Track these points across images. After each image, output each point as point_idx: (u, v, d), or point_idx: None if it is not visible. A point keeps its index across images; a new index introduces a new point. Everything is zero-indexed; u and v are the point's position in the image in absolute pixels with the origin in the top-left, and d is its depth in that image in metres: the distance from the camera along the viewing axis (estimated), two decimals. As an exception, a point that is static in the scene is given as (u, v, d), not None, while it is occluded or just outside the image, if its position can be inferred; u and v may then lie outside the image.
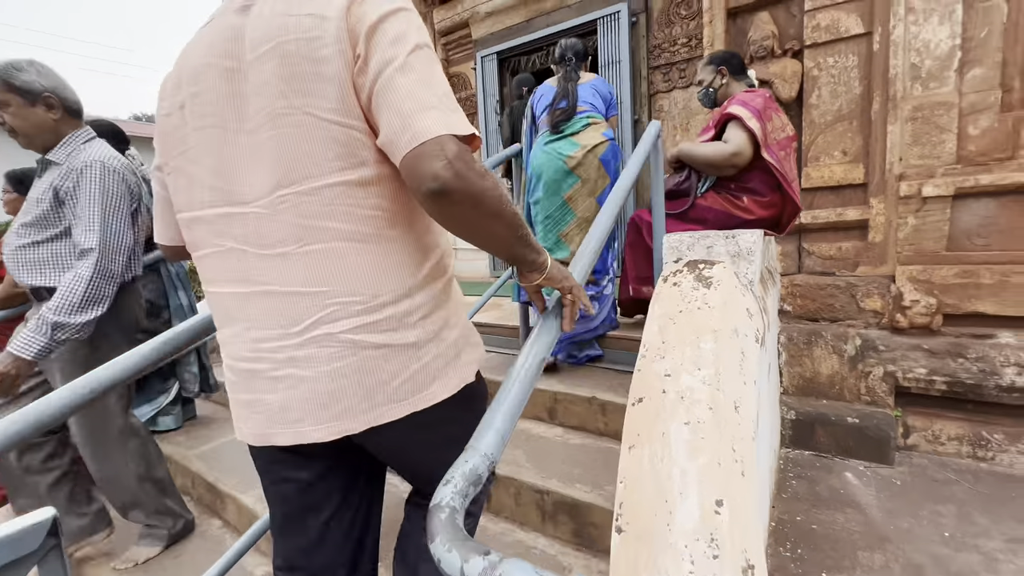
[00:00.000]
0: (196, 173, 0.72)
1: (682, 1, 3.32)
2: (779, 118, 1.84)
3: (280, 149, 0.65)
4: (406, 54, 0.63)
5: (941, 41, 2.55)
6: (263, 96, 0.65)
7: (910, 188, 2.66)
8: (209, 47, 0.70)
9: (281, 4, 0.66)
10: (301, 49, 0.63)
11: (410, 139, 0.61)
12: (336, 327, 0.69)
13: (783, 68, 3.00)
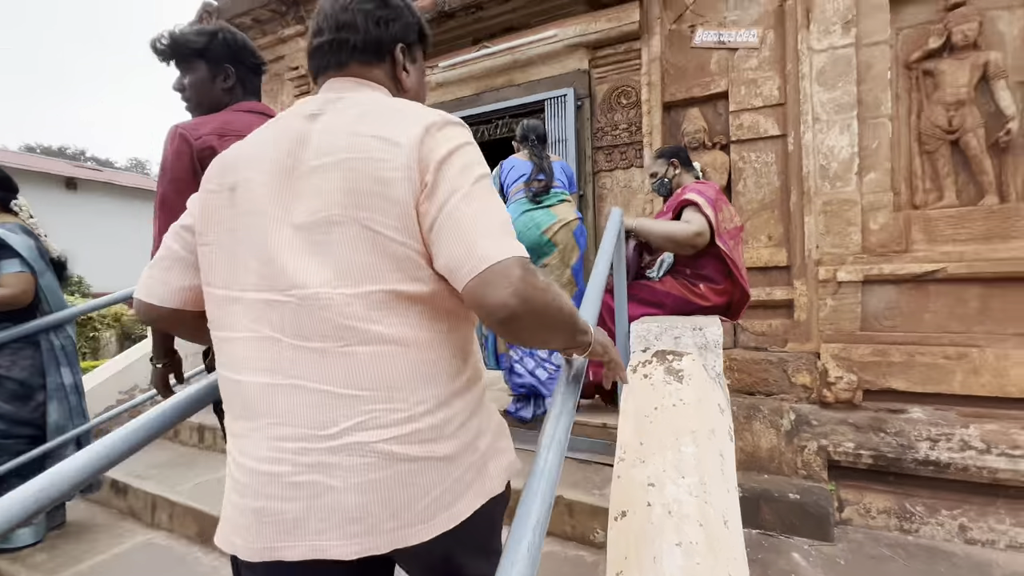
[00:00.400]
0: (241, 254, 0.71)
1: (623, 91, 3.61)
2: (728, 209, 1.97)
3: (332, 251, 0.66)
4: (470, 184, 0.67)
5: (843, 148, 2.93)
6: (321, 199, 0.67)
7: (827, 273, 2.93)
8: (272, 143, 0.73)
9: (351, 121, 0.70)
10: (367, 167, 0.66)
11: (473, 265, 0.62)
12: (373, 436, 0.65)
13: (713, 159, 3.29)
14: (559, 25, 3.66)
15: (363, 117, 0.71)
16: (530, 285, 0.62)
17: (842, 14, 2.93)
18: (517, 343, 0.77)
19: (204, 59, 1.27)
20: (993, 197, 2.70)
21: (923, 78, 2.86)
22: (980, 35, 2.71)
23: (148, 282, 0.81)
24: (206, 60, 1.27)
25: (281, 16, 5.09)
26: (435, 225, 0.65)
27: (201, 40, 1.25)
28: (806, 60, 3.01)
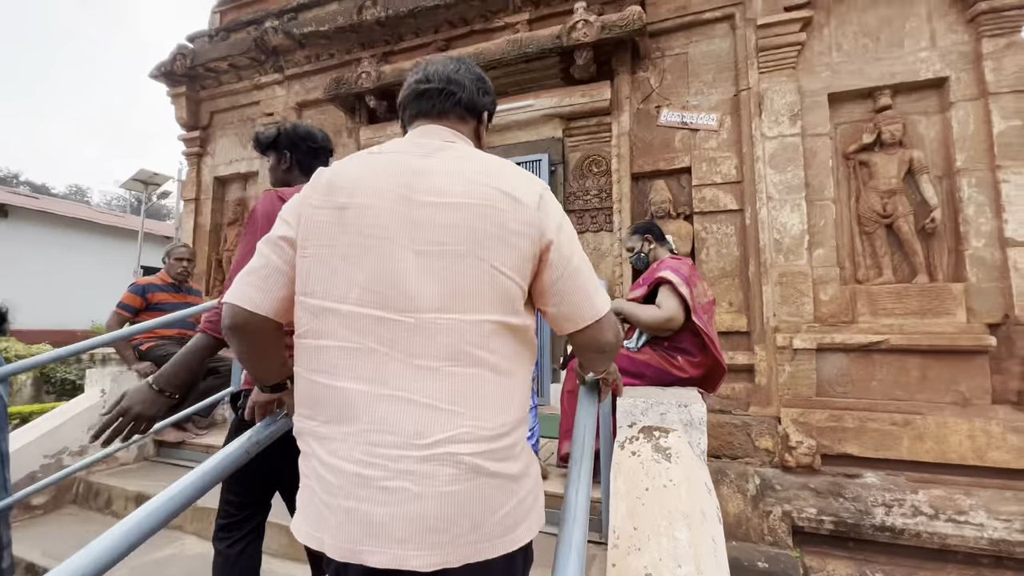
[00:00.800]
0: (345, 269, 0.77)
1: (594, 160, 3.82)
2: (701, 284, 2.08)
3: (451, 278, 0.75)
4: (581, 251, 0.87)
5: (794, 225, 3.20)
6: (446, 233, 0.76)
7: (784, 340, 3.10)
8: (387, 174, 0.80)
9: (470, 171, 0.81)
10: (491, 214, 0.77)
11: (594, 314, 0.85)
12: (463, 448, 0.72)
13: (679, 228, 3.50)
14: (536, 96, 3.89)
15: (479, 168, 0.82)
16: (619, 332, 0.92)
17: (789, 108, 3.28)
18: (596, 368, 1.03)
19: (274, 148, 1.62)
20: (924, 276, 2.99)
21: (859, 168, 3.21)
22: (904, 135, 3.10)
23: (246, 289, 0.82)
24: (275, 149, 1.62)
25: (260, 64, 5.14)
26: (562, 278, 0.81)
27: (271, 135, 1.62)
28: (759, 145, 3.32)
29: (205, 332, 1.25)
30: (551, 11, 4.00)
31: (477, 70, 1.00)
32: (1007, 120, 2.86)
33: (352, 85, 4.35)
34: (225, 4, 5.73)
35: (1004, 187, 2.84)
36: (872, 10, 3.23)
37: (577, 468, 0.91)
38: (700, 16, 3.61)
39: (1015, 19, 2.88)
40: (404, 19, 4.34)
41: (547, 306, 0.84)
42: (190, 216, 5.47)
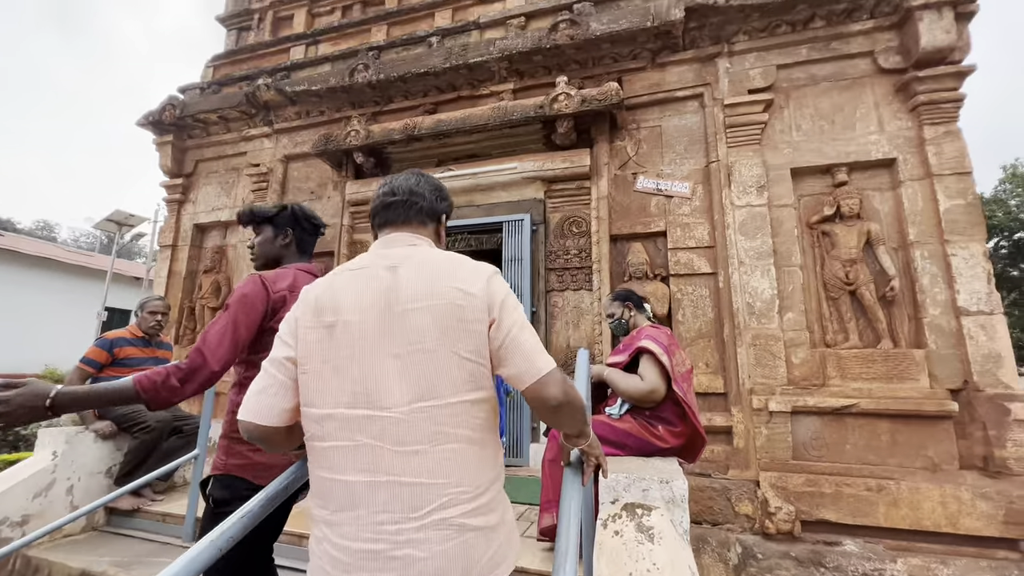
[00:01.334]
0: (336, 380, 0.91)
1: (574, 221, 3.96)
2: (680, 353, 2.14)
3: (425, 372, 0.89)
4: (521, 319, 0.97)
5: (765, 289, 3.33)
6: (415, 334, 0.90)
7: (759, 402, 3.16)
8: (364, 291, 0.95)
9: (430, 275, 0.95)
10: (451, 310, 0.92)
11: (535, 373, 0.93)
12: (450, 512, 0.86)
13: (656, 289, 3.61)
14: (519, 159, 4.06)
15: (439, 272, 0.96)
16: (568, 385, 0.97)
17: (756, 180, 3.50)
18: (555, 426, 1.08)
19: (272, 224, 1.63)
20: (888, 342, 3.12)
21: (823, 237, 3.41)
22: (861, 208, 3.33)
23: (256, 408, 0.96)
24: (273, 225, 1.63)
25: (250, 117, 5.25)
26: (503, 346, 0.93)
27: (273, 210, 1.64)
28: (730, 213, 3.51)
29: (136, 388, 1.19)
30: (535, 83, 4.26)
31: (435, 181, 1.18)
32: (951, 199, 3.11)
33: (340, 142, 4.48)
34: (220, 59, 5.92)
35: (953, 260, 3.05)
36: (825, 96, 3.55)
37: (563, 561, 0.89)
38: (672, 94, 3.90)
39: (951, 111, 3.20)
40: (394, 83, 4.55)
41: (498, 369, 0.96)
42: (165, 262, 5.37)
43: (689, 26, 3.76)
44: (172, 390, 1.22)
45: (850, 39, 3.54)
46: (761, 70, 3.68)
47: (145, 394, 1.19)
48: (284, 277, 1.50)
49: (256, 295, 1.40)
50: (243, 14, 6.05)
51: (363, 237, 4.62)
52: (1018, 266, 15.63)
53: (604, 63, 4.08)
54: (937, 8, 3.22)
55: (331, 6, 5.70)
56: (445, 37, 4.77)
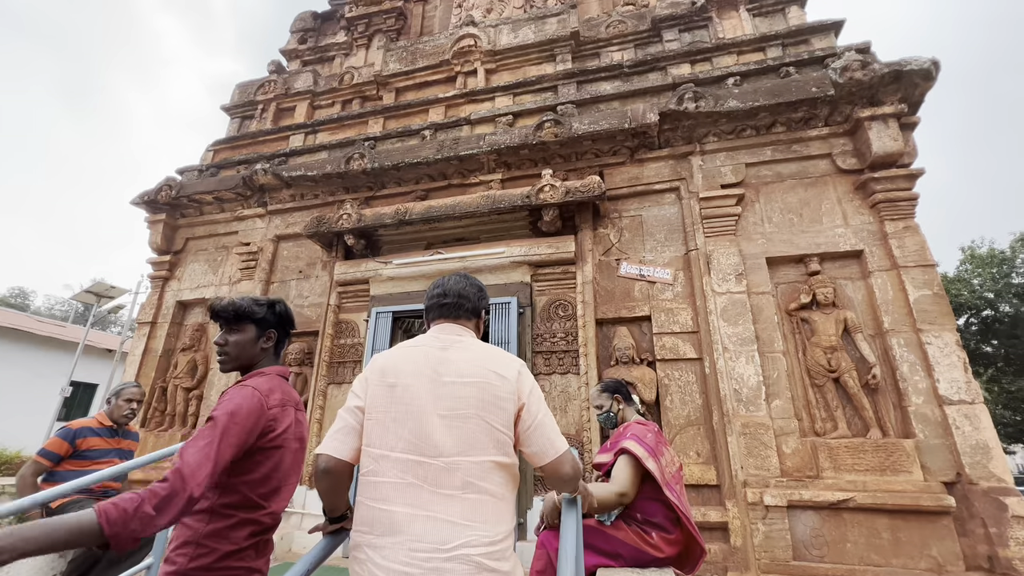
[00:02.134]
0: (394, 428, 1.16)
1: (560, 304, 4.02)
2: (668, 452, 2.08)
3: (463, 433, 1.13)
4: (544, 408, 1.23)
5: (750, 376, 3.35)
6: (458, 402, 1.16)
7: (754, 495, 3.04)
8: (420, 362, 1.22)
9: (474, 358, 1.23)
10: (489, 388, 1.17)
11: (554, 453, 1.19)
12: (473, 551, 1.04)
13: (643, 374, 3.59)
14: (507, 244, 4.19)
15: (481, 357, 1.23)
16: (577, 462, 1.28)
17: (734, 268, 3.65)
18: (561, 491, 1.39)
19: (256, 323, 1.47)
20: (876, 431, 3.11)
21: (801, 324, 3.50)
22: (836, 297, 3.46)
23: (334, 444, 1.20)
24: (257, 324, 1.48)
25: (245, 199, 5.40)
26: (530, 428, 1.18)
27: (260, 311, 1.49)
28: (711, 299, 3.60)
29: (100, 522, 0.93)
30: (521, 173, 4.51)
31: (478, 283, 1.44)
32: (919, 290, 3.26)
33: (333, 224, 4.59)
34: (220, 144, 6.19)
35: (929, 348, 3.13)
36: (792, 192, 3.81)
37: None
38: (651, 187, 4.15)
39: (907, 208, 3.45)
40: (388, 171, 4.78)
41: (523, 447, 1.19)
42: (142, 339, 5.23)
43: (663, 128, 4.09)
44: (145, 520, 0.98)
45: (809, 143, 3.88)
46: (731, 167, 3.96)
47: (111, 527, 0.94)
48: (274, 389, 1.35)
49: (252, 411, 1.25)
50: (247, 105, 6.43)
51: (349, 317, 4.59)
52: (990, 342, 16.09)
53: (586, 157, 4.37)
54: (883, 119, 3.58)
55: (331, 100, 6.11)
56: (438, 131, 5.10)
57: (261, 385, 1.32)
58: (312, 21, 7.13)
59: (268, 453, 1.29)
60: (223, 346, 1.45)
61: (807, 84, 3.81)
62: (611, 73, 4.88)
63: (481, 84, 5.34)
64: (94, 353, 14.93)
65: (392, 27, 6.53)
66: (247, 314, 1.46)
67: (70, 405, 14.01)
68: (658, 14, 4.98)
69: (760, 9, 4.81)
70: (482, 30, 5.57)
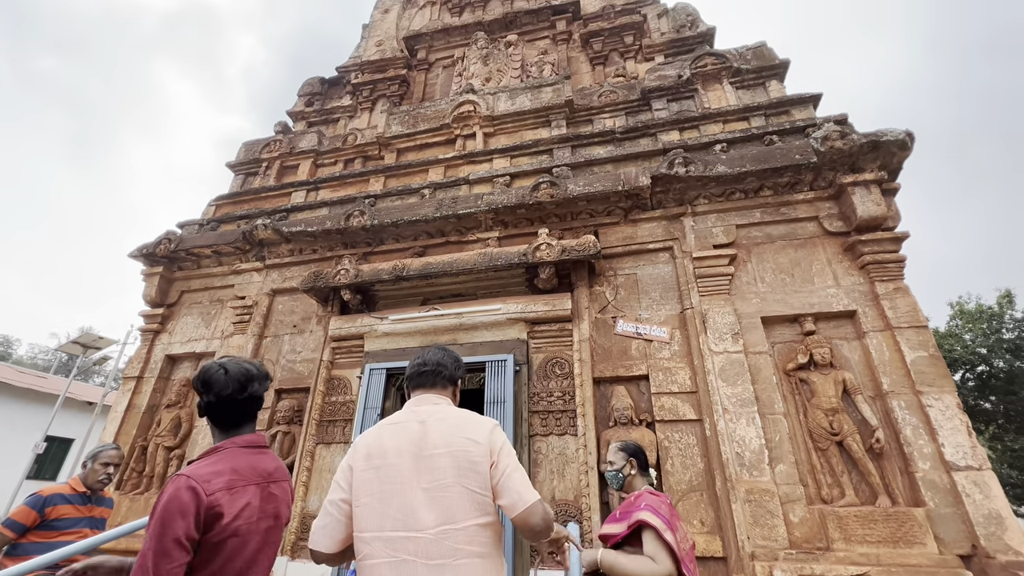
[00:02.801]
0: (383, 509, 1.25)
1: (557, 362, 3.98)
2: (682, 527, 1.98)
3: (445, 502, 1.23)
4: (514, 462, 1.32)
5: (752, 438, 3.27)
6: (439, 472, 1.27)
7: (763, 570, 2.88)
8: (402, 439, 1.34)
9: (449, 429, 1.34)
10: (464, 455, 1.28)
11: (523, 505, 1.26)
12: None
13: (642, 436, 3.50)
14: (503, 301, 4.21)
15: (455, 426, 1.35)
16: (547, 512, 1.31)
17: (730, 327, 3.66)
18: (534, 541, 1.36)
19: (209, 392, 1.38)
20: (885, 499, 3.00)
21: (800, 385, 3.47)
22: (833, 357, 3.45)
23: (324, 541, 1.30)
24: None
25: (243, 253, 5.44)
26: (499, 483, 1.27)
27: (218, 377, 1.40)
28: (709, 359, 3.58)
29: None
30: (518, 232, 4.61)
31: (455, 355, 1.57)
32: (915, 351, 3.27)
33: (330, 279, 4.61)
34: (223, 199, 6.32)
35: (930, 411, 3.09)
36: (783, 253, 3.90)
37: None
38: (645, 246, 4.24)
39: (896, 270, 3.53)
40: (387, 227, 4.87)
41: (498, 500, 1.29)
42: (126, 395, 5.07)
43: (655, 190, 4.23)
44: None
45: (796, 206, 4.02)
46: (722, 228, 4.08)
47: None
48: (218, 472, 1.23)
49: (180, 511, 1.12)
50: (252, 162, 6.63)
51: (342, 373, 4.51)
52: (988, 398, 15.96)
53: (581, 217, 4.48)
54: (865, 185, 3.73)
55: (334, 158, 6.32)
56: (437, 190, 5.26)
57: (200, 471, 1.21)
58: (319, 86, 7.51)
59: (217, 547, 1.17)
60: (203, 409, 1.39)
61: (791, 151, 4.00)
62: (604, 138, 5.12)
63: (480, 147, 5.56)
64: (74, 406, 14.45)
65: (395, 92, 6.88)
66: None
67: (42, 461, 13.37)
68: (647, 85, 5.30)
69: (742, 83, 5.14)
70: (481, 97, 5.88)
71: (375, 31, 7.80)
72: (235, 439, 1.35)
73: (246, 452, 1.33)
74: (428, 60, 7.18)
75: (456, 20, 7.35)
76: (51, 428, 11.16)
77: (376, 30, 7.80)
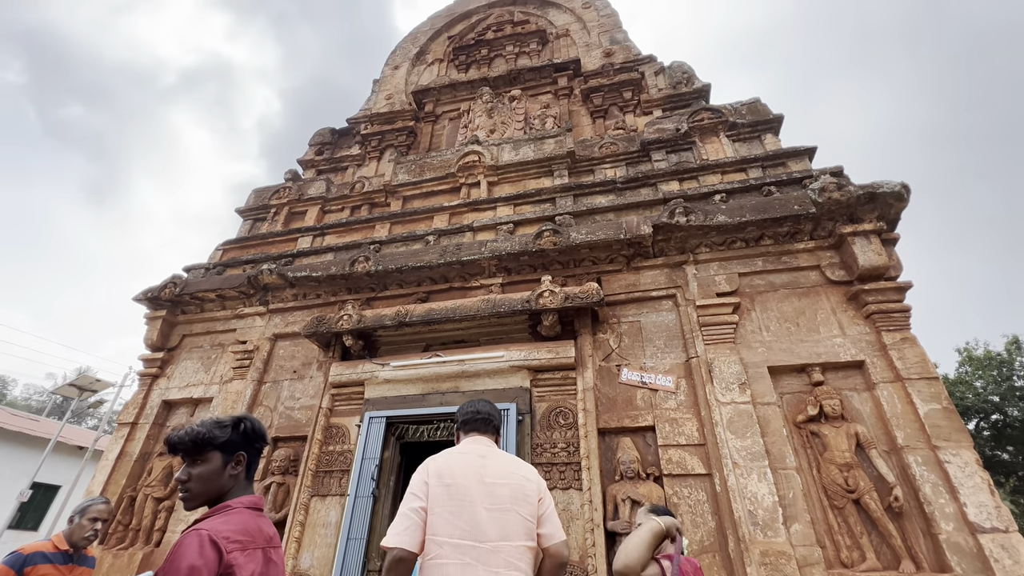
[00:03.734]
0: (452, 519, 1.54)
1: (561, 412, 3.89)
2: None
3: (503, 522, 1.54)
4: (553, 504, 1.69)
5: (764, 495, 3.14)
6: (499, 498, 1.59)
7: (784, 642, 2.69)
8: (467, 466, 1.66)
9: (506, 464, 1.70)
10: (520, 488, 1.63)
11: (560, 537, 1.62)
12: None
13: (650, 491, 3.37)
14: (506, 348, 4.17)
15: (510, 463, 1.71)
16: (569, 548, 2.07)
17: (736, 377, 3.60)
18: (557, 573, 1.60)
19: (221, 449, 1.33)
20: (909, 563, 2.84)
21: (812, 438, 3.36)
22: (844, 409, 3.37)
23: (406, 538, 1.51)
24: (223, 450, 1.34)
25: (247, 297, 5.46)
26: (545, 515, 1.63)
27: (224, 434, 1.34)
28: (716, 410, 3.50)
29: None
30: (521, 278, 4.63)
31: (497, 408, 1.96)
32: (927, 403, 3.19)
33: (332, 325, 4.59)
34: (230, 244, 6.42)
35: (949, 468, 2.98)
36: (786, 301, 3.90)
37: None
38: (648, 293, 4.24)
39: (902, 320, 3.51)
40: (391, 273, 4.90)
41: (540, 528, 1.60)
42: (119, 442, 4.95)
43: (657, 238, 4.29)
44: None
45: (797, 254, 4.05)
46: (725, 276, 4.09)
47: None
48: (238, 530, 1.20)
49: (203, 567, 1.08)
50: (261, 208, 6.79)
51: (341, 421, 4.40)
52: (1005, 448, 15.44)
53: (584, 265, 4.52)
54: (865, 235, 3.78)
55: (341, 205, 6.47)
56: (441, 236, 5.34)
57: (219, 527, 1.17)
58: (330, 136, 7.79)
59: None
60: (185, 482, 1.30)
61: (789, 202, 4.08)
62: (605, 188, 5.24)
63: (484, 195, 5.69)
64: (64, 451, 14.11)
65: (403, 143, 7.13)
66: (209, 441, 1.32)
67: (26, 509, 12.88)
68: (646, 138, 5.48)
69: (738, 135, 5.31)
70: (486, 148, 6.08)
71: (385, 85, 8.18)
72: (242, 499, 1.32)
73: (252, 514, 1.29)
74: (435, 112, 7.48)
75: (463, 76, 7.72)
76: (38, 475, 10.82)
77: (386, 85, 8.19)
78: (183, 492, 1.31)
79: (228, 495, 1.32)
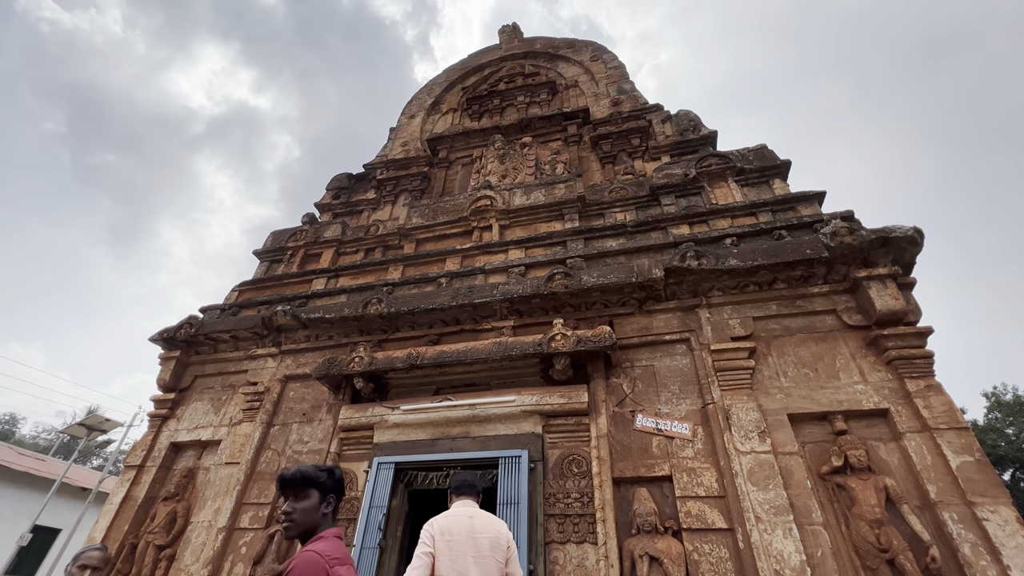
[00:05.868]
0: (452, 565, 2.24)
1: (574, 460, 3.78)
2: None
3: (484, 565, 2.28)
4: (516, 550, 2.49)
5: (791, 554, 2.97)
6: (480, 548, 2.32)
7: None
8: (460, 525, 2.38)
9: (486, 521, 2.45)
10: (497, 539, 2.39)
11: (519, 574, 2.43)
12: None
13: (668, 547, 3.20)
14: (517, 392, 4.11)
15: (490, 520, 2.47)
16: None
17: (755, 425, 3.49)
18: None
19: (319, 489, 1.67)
20: (952, 633, 2.63)
21: (838, 491, 3.21)
22: (870, 460, 3.22)
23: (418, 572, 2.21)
24: (320, 490, 1.67)
25: (260, 338, 5.50)
26: (510, 560, 2.40)
27: (322, 476, 1.69)
28: (736, 459, 3.38)
29: None
30: (533, 321, 4.62)
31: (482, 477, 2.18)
32: (959, 456, 3.05)
33: (343, 367, 4.59)
34: (246, 285, 6.53)
35: (988, 526, 2.81)
36: (804, 346, 3.82)
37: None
38: (661, 337, 4.20)
39: (925, 366, 3.41)
40: (403, 315, 4.93)
41: (507, 568, 2.33)
42: (124, 485, 4.88)
43: (669, 282, 4.29)
44: None
45: (812, 299, 4.01)
46: (739, 320, 4.05)
47: None
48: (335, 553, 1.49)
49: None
50: (277, 250, 6.95)
51: (349, 466, 4.31)
52: (1045, 501, 14.51)
53: (596, 308, 4.51)
54: (880, 279, 3.74)
55: (356, 248, 6.60)
56: (453, 279, 5.39)
57: (325, 550, 1.49)
58: (346, 181, 8.06)
59: None
60: (290, 514, 1.62)
61: (801, 246, 4.08)
62: (616, 231, 5.30)
63: (496, 238, 5.78)
64: (67, 492, 13.91)
65: (417, 187, 7.34)
66: (312, 480, 1.66)
67: (24, 553, 12.58)
68: (655, 183, 5.59)
69: (747, 181, 5.40)
70: (498, 192, 6.23)
71: (401, 134, 8.52)
72: (331, 531, 1.64)
73: (338, 542, 1.61)
74: (448, 159, 7.73)
75: (475, 124, 8.02)
76: (39, 517, 10.63)
77: (402, 133, 8.53)
78: (287, 523, 1.62)
79: (319, 529, 1.64)
